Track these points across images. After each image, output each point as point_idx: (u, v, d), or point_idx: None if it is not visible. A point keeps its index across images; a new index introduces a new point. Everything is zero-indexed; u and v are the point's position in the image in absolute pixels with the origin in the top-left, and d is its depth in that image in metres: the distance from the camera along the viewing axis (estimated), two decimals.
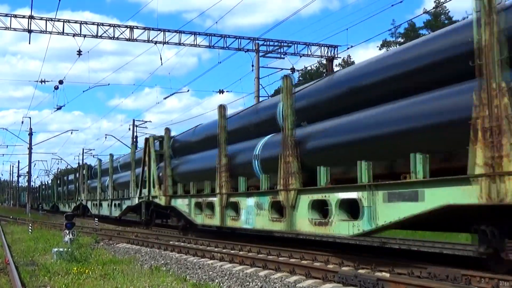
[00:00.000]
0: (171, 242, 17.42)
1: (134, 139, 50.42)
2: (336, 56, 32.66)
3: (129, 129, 52.81)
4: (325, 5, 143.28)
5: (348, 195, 10.86)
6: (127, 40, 28.80)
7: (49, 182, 75.37)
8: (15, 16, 27.76)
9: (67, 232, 16.55)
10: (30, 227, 24.50)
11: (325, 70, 32.47)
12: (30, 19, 27.34)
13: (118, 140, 55.78)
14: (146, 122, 57.36)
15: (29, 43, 37.63)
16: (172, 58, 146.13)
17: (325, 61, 33.24)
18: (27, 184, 67.32)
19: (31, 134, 53.52)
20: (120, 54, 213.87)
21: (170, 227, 24.68)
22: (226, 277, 10.30)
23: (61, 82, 33.35)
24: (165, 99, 40.48)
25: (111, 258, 13.29)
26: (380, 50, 52.99)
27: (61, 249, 13.42)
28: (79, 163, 59.09)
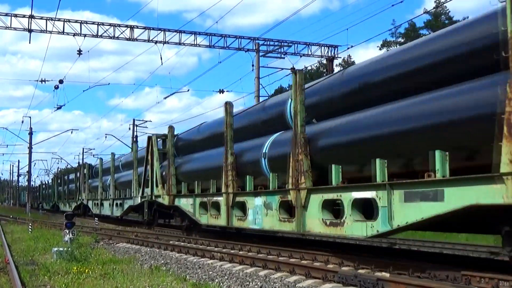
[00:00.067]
0: (171, 242, 17.41)
1: (134, 139, 50.50)
2: (336, 56, 32.72)
3: (129, 128, 53.04)
4: (325, 5, 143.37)
5: (363, 194, 10.39)
6: (127, 39, 28.86)
7: (49, 182, 75.29)
8: (16, 16, 27.82)
9: (67, 231, 16.53)
10: (30, 226, 24.50)
11: (325, 70, 32.44)
12: (30, 19, 27.39)
13: (118, 139, 55.84)
14: (146, 121, 57.60)
15: (29, 43, 37.79)
16: (172, 58, 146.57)
17: (325, 61, 33.25)
18: (27, 183, 67.37)
19: (31, 134, 53.57)
20: (120, 54, 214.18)
21: (173, 227, 24.33)
22: (226, 277, 10.29)
23: (61, 81, 33.42)
24: (165, 98, 40.56)
25: (111, 258, 13.29)
26: (380, 50, 53.04)
27: (61, 249, 13.42)
28: (79, 162, 59.19)
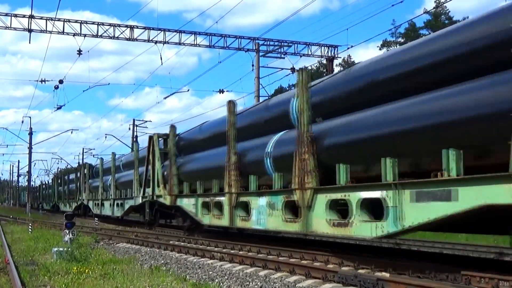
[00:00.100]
0: (171, 242, 17.41)
1: (135, 139, 50.51)
2: (336, 56, 32.71)
3: (129, 128, 53.07)
4: (325, 5, 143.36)
5: (371, 194, 10.16)
6: (127, 39, 28.85)
7: (49, 182, 75.27)
8: (15, 16, 27.80)
9: (67, 231, 16.53)
10: (30, 226, 24.50)
11: (325, 70, 32.44)
12: (30, 19, 27.38)
13: (118, 139, 55.82)
14: (146, 121, 57.61)
15: (29, 43, 37.86)
16: (172, 58, 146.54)
17: (325, 61, 33.25)
18: (27, 183, 67.39)
19: (31, 134, 53.53)
20: (120, 54, 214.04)
21: (175, 228, 24.13)
22: (226, 277, 10.29)
23: (61, 81, 33.40)
24: (165, 98, 40.52)
25: (111, 258, 13.29)
26: (380, 50, 53.07)
27: (61, 249, 13.42)
28: (79, 162, 59.12)
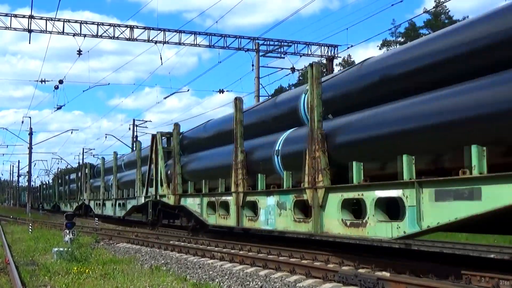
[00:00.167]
0: (171, 242, 17.40)
1: (135, 139, 50.57)
2: (336, 55, 32.78)
3: (129, 128, 53.24)
4: (325, 4, 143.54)
5: (387, 193, 9.74)
6: (127, 39, 28.89)
7: (50, 182, 75.23)
8: (15, 16, 27.84)
9: (67, 231, 16.54)
10: (30, 226, 24.51)
11: (325, 70, 32.47)
12: (30, 19, 27.42)
13: (118, 139, 56.01)
14: (146, 121, 57.87)
15: (29, 43, 37.87)
16: (172, 58, 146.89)
17: (325, 61, 33.26)
18: (27, 183, 67.40)
19: (31, 134, 53.59)
20: (120, 54, 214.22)
21: (178, 228, 23.84)
22: (226, 277, 10.29)
23: (61, 81, 33.48)
24: (165, 98, 40.67)
25: (111, 258, 13.29)
26: (380, 49, 53.10)
27: (61, 249, 13.42)
28: (79, 162, 59.15)
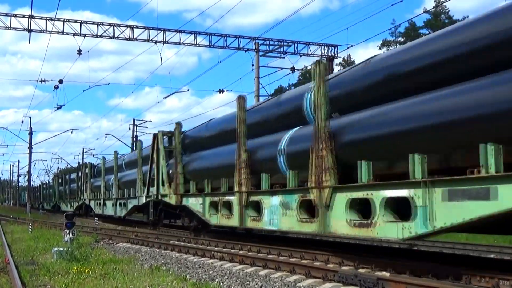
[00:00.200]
0: (171, 242, 17.41)
1: (134, 139, 50.57)
2: (336, 55, 32.74)
3: (129, 128, 53.18)
4: (325, 4, 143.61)
5: (397, 193, 9.52)
6: (127, 39, 28.87)
7: (50, 181, 75.15)
8: (15, 16, 27.83)
9: (67, 231, 16.55)
10: (30, 226, 24.51)
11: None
12: (30, 19, 27.41)
13: (118, 139, 55.93)
14: (146, 121, 57.77)
15: (29, 43, 37.89)
16: (172, 58, 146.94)
17: (325, 61, 33.25)
18: (27, 183, 67.39)
19: (31, 134, 53.57)
20: (120, 54, 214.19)
21: (180, 228, 23.66)
22: (226, 277, 10.29)
23: (61, 81, 33.46)
24: (165, 98, 40.72)
25: (111, 258, 13.29)
26: (380, 49, 53.06)
27: (61, 249, 13.43)
28: (79, 162, 59.09)
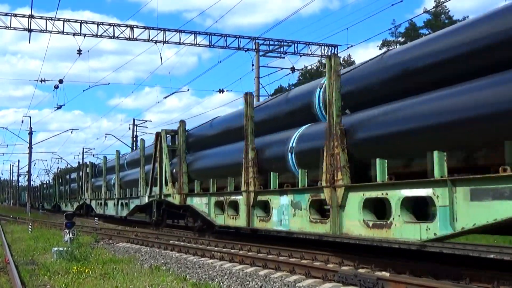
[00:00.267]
0: (171, 242, 17.41)
1: (134, 138, 50.60)
2: (336, 55, 32.70)
3: (129, 128, 53.21)
4: (325, 4, 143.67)
5: (415, 192, 9.12)
6: (127, 39, 28.88)
7: (50, 181, 75.07)
8: (15, 16, 27.84)
9: (67, 231, 16.55)
10: (30, 226, 24.51)
11: (325, 70, 32.50)
12: (30, 19, 27.42)
13: (118, 139, 55.93)
14: (146, 121, 57.75)
15: (29, 43, 37.76)
16: (172, 58, 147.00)
17: (325, 61, 33.28)
18: (27, 183, 67.36)
19: (31, 133, 53.52)
20: (120, 54, 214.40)
21: (183, 228, 23.40)
22: (226, 276, 10.30)
23: (61, 81, 33.46)
24: (165, 98, 40.75)
25: (111, 258, 13.29)
26: (380, 49, 53.03)
27: (61, 248, 13.44)
28: (79, 162, 59.03)
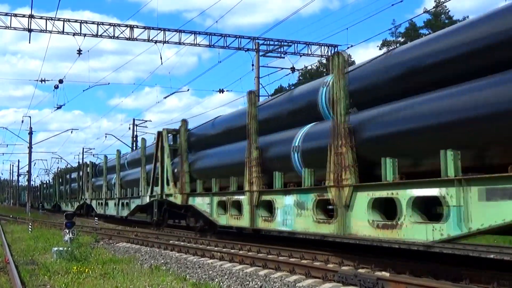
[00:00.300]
0: (171, 242, 17.41)
1: (134, 138, 50.58)
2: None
3: (129, 128, 53.15)
4: (325, 4, 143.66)
5: (426, 192, 8.90)
6: (127, 39, 28.85)
7: (50, 181, 75.01)
8: (15, 16, 27.81)
9: (67, 231, 16.55)
10: (30, 226, 24.51)
11: (325, 70, 32.45)
12: (30, 19, 27.39)
13: (118, 139, 55.92)
14: (146, 121, 57.67)
15: (29, 43, 37.67)
16: (172, 57, 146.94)
17: (325, 61, 33.27)
18: (27, 183, 67.33)
19: (31, 133, 53.46)
20: (120, 53, 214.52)
21: (185, 228, 23.32)
22: (226, 276, 10.30)
23: (61, 81, 33.41)
24: (165, 98, 40.76)
25: (111, 257, 13.29)
26: (380, 49, 53.02)
27: (61, 248, 13.44)
28: (79, 162, 59.00)
